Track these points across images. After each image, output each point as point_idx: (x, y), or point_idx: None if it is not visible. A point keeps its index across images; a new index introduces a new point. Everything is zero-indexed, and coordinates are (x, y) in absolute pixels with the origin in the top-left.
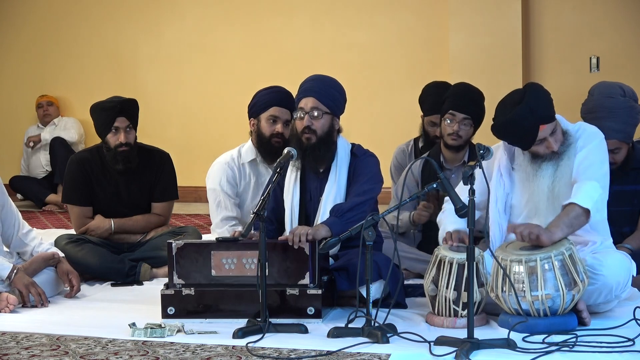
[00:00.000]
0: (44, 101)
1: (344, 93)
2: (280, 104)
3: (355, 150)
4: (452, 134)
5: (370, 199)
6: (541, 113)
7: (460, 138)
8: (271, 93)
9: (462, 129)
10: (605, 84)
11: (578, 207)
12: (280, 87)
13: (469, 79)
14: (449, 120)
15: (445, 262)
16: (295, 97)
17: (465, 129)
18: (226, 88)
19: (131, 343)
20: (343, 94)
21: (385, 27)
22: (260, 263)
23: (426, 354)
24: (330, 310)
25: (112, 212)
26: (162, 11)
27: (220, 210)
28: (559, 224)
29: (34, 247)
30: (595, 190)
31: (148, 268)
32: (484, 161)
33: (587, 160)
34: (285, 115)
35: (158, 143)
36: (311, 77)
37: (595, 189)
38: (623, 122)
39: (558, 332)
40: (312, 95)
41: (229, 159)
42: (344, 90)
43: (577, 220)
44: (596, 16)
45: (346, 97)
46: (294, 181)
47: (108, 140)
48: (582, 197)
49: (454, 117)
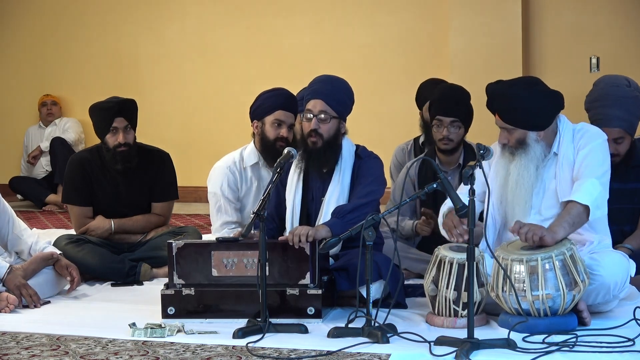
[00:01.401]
0: (49, 100)
1: (353, 96)
2: (285, 108)
3: (360, 152)
4: (443, 139)
5: (373, 201)
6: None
7: (451, 142)
8: (276, 96)
9: (452, 133)
10: (610, 75)
11: (578, 204)
12: (284, 90)
13: (469, 79)
14: (437, 127)
15: (445, 262)
16: (305, 96)
17: (455, 131)
18: (226, 88)
19: (131, 343)
20: (352, 97)
21: (385, 27)
22: (261, 263)
23: (426, 354)
24: (330, 310)
25: (112, 212)
26: (163, 11)
27: (221, 215)
28: (562, 223)
29: (31, 245)
30: (594, 188)
31: (148, 268)
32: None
33: (588, 158)
34: (289, 119)
35: (158, 143)
36: (321, 77)
37: (595, 186)
38: (628, 112)
39: (558, 332)
40: (320, 98)
41: (231, 163)
42: (352, 93)
43: (578, 218)
44: (596, 16)
45: (354, 99)
46: (297, 180)
47: (107, 141)
48: (582, 194)
49: (441, 122)
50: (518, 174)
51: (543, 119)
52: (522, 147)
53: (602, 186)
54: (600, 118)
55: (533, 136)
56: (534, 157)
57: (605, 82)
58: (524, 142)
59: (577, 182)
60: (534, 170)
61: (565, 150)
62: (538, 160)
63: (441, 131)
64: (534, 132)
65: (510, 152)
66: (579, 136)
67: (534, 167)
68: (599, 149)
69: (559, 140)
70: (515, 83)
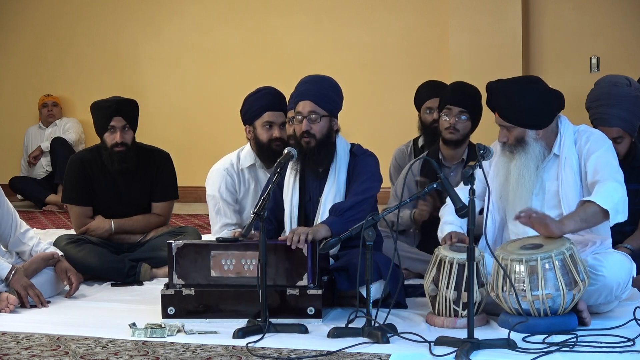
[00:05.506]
0: (50, 101)
1: (341, 92)
2: (272, 108)
3: (355, 150)
4: (449, 127)
5: (370, 198)
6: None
7: (457, 132)
8: (262, 97)
9: (459, 122)
10: (611, 75)
11: (597, 206)
12: (269, 89)
13: (469, 79)
14: (445, 116)
15: (445, 262)
16: (292, 98)
17: (463, 122)
18: (226, 88)
19: (131, 343)
20: (339, 93)
21: (385, 27)
22: (261, 263)
23: (426, 354)
24: (330, 310)
25: (112, 212)
26: (163, 11)
27: (220, 218)
28: (574, 217)
29: (33, 246)
30: (616, 192)
31: (148, 268)
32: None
33: (603, 162)
34: (279, 118)
35: (158, 143)
36: (306, 78)
37: (617, 190)
38: (628, 111)
39: (558, 332)
40: (309, 99)
41: (228, 165)
42: (340, 89)
43: (593, 217)
44: (596, 16)
45: (343, 95)
46: (294, 181)
47: (105, 140)
48: (603, 198)
49: (450, 111)
50: (519, 173)
51: (542, 118)
52: (521, 145)
53: (624, 190)
54: (600, 117)
55: (532, 134)
56: (534, 156)
57: (605, 82)
58: (523, 140)
59: (599, 184)
60: (534, 169)
61: (567, 153)
62: (537, 159)
63: (449, 119)
64: (532, 130)
65: (510, 150)
66: (584, 139)
67: (534, 166)
68: (610, 152)
69: (559, 141)
70: (515, 81)
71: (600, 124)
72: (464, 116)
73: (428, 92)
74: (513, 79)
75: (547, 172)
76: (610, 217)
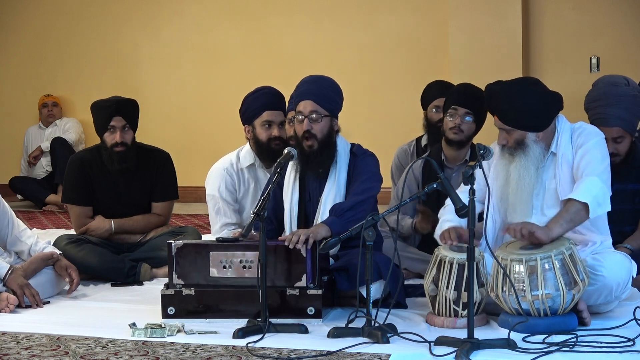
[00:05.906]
0: (50, 101)
1: (341, 92)
2: (271, 107)
3: (355, 150)
4: (454, 128)
5: (370, 198)
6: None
7: (461, 132)
8: (260, 97)
9: (463, 123)
10: (609, 75)
11: (577, 202)
12: (267, 88)
13: (469, 79)
14: (450, 116)
15: (445, 262)
16: (292, 99)
17: (467, 123)
18: (226, 88)
19: (131, 343)
20: (340, 93)
21: (385, 27)
22: (261, 263)
23: (426, 354)
24: (330, 310)
25: (112, 212)
26: (162, 11)
27: (220, 217)
28: (559, 221)
29: (31, 245)
30: (594, 185)
31: (148, 268)
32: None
33: (587, 157)
34: (279, 117)
35: (158, 143)
36: (307, 78)
37: (595, 183)
38: (627, 111)
39: (558, 332)
40: (310, 99)
41: (228, 165)
42: (340, 90)
43: (577, 215)
44: (596, 16)
45: (343, 95)
46: (294, 181)
47: (105, 140)
48: (581, 192)
49: (456, 111)
50: (519, 176)
51: (542, 120)
52: (521, 147)
53: (602, 183)
54: (600, 117)
55: (532, 137)
56: (534, 158)
57: (604, 82)
58: (522, 143)
59: (578, 181)
60: (534, 171)
61: (563, 150)
62: (537, 160)
63: (454, 120)
64: (532, 133)
65: (509, 152)
66: (577, 135)
67: (534, 168)
68: (597, 146)
69: (557, 139)
70: (514, 84)
71: (600, 125)
72: (469, 117)
73: (437, 91)
74: (511, 81)
75: (546, 171)
76: (591, 210)
